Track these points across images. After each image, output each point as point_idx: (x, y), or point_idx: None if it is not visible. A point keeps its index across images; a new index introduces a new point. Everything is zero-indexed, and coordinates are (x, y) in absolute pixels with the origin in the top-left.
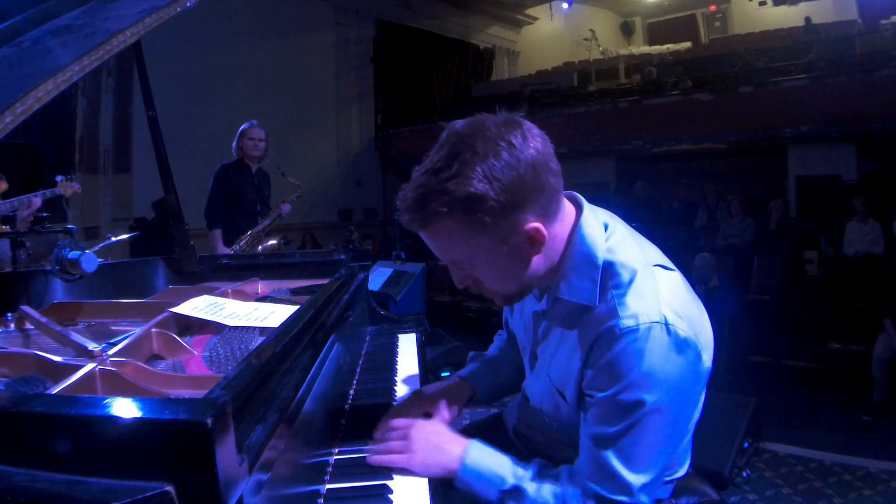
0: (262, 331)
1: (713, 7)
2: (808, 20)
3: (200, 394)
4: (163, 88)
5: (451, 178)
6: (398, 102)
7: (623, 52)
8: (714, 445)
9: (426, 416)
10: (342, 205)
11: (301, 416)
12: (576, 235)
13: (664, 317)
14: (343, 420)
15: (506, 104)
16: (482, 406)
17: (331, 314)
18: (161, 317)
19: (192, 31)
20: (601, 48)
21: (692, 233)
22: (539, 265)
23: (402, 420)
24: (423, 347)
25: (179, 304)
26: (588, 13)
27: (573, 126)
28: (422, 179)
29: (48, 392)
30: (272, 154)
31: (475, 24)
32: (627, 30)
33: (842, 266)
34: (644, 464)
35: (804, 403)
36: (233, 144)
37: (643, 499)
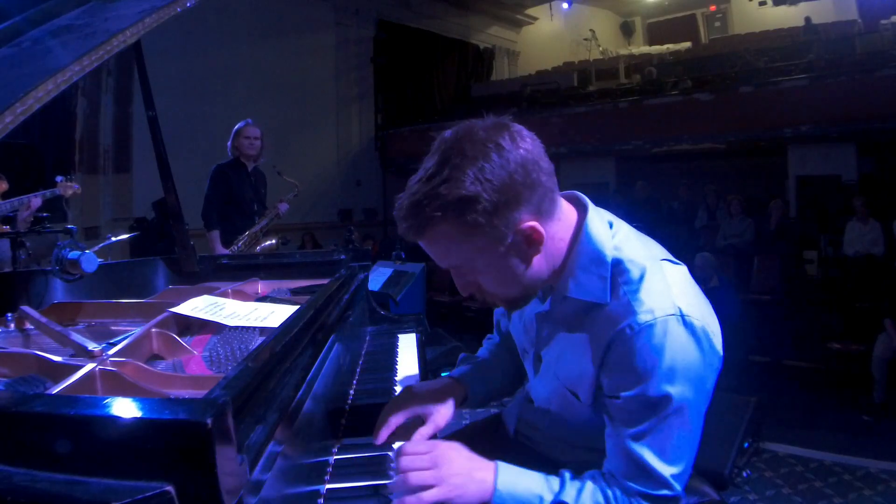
0: (262, 331)
1: (713, 7)
2: (808, 20)
3: (200, 394)
4: (163, 88)
5: (443, 183)
6: (398, 102)
7: (623, 52)
8: (714, 445)
9: (420, 417)
10: (342, 205)
11: (301, 416)
12: (582, 234)
13: (678, 308)
14: (343, 420)
15: (506, 104)
16: (474, 408)
17: (331, 314)
18: (161, 317)
19: (192, 31)
20: (601, 48)
21: (692, 233)
22: (540, 266)
23: (423, 444)
24: (423, 347)
25: (179, 304)
26: (588, 13)
27: (573, 126)
28: (415, 188)
29: (48, 392)
30: (270, 153)
31: (475, 24)
32: (627, 30)
33: (842, 266)
34: (677, 456)
35: (804, 403)
36: (228, 144)
37: (678, 489)
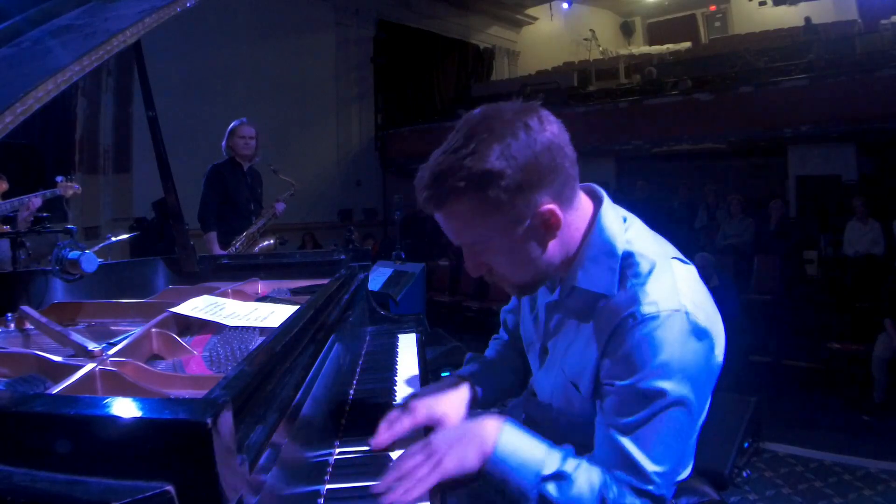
0: (262, 331)
1: (713, 7)
2: (808, 20)
3: (200, 394)
4: (163, 88)
5: (468, 156)
6: (398, 102)
7: (623, 52)
8: (714, 445)
9: (428, 423)
10: (342, 205)
11: (301, 416)
12: (595, 225)
13: (684, 306)
14: (343, 420)
15: None
16: (480, 409)
17: (331, 314)
18: (161, 317)
19: (192, 31)
20: (601, 48)
21: (692, 233)
22: (554, 253)
23: (410, 449)
24: (423, 347)
25: (179, 304)
26: (588, 13)
27: (573, 126)
28: (440, 159)
29: (48, 392)
30: (270, 153)
31: (475, 24)
32: (627, 30)
33: (842, 266)
34: (662, 454)
35: (804, 403)
36: (222, 143)
37: (662, 489)
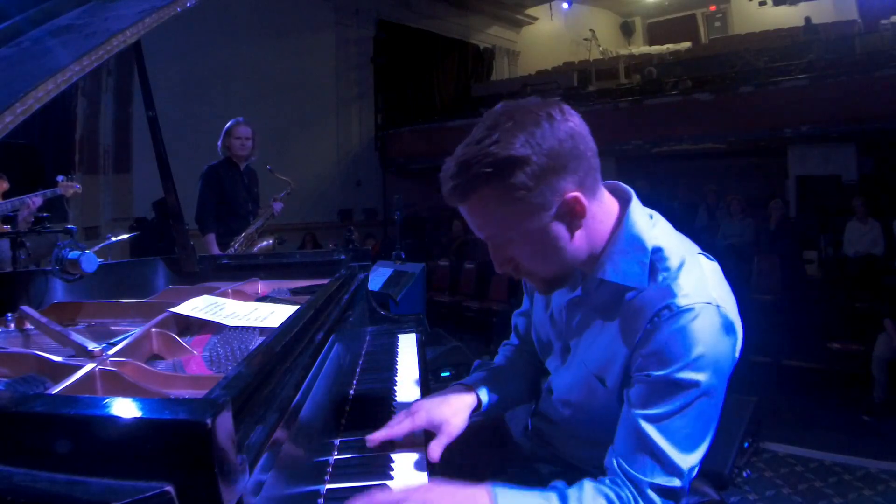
0: (262, 331)
1: (713, 7)
2: (808, 20)
3: (200, 394)
4: (163, 88)
5: (493, 144)
6: (398, 102)
7: (623, 52)
8: (714, 445)
9: (429, 431)
10: (342, 205)
11: (301, 416)
12: (625, 220)
13: (714, 299)
14: (343, 420)
15: None
16: (488, 416)
17: (331, 314)
18: (161, 317)
19: (192, 31)
20: (601, 48)
21: (692, 233)
22: (580, 245)
23: (392, 495)
24: (423, 347)
25: (179, 304)
26: (588, 13)
27: None
28: (464, 150)
29: (48, 392)
30: (270, 154)
31: (475, 24)
32: (627, 30)
33: (842, 266)
34: (690, 445)
35: (804, 403)
36: (218, 143)
37: (685, 481)
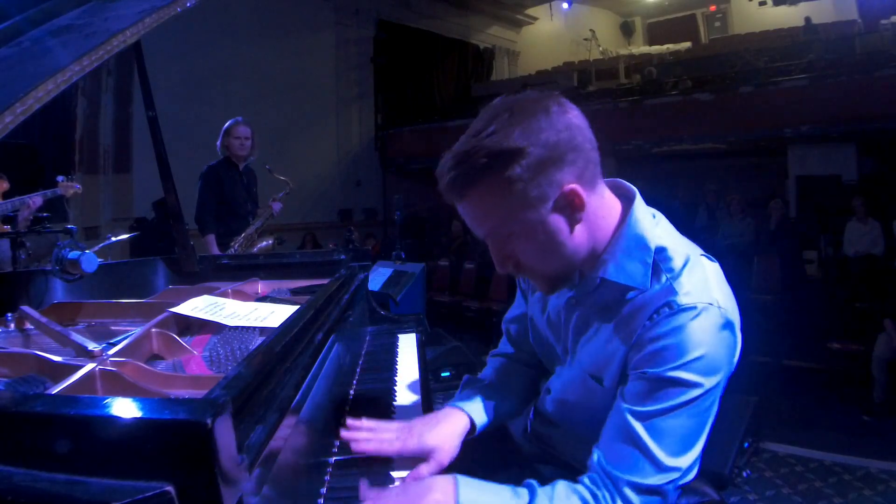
0: (262, 331)
1: (713, 7)
2: (808, 20)
3: (200, 394)
4: (163, 88)
5: (490, 136)
6: (398, 102)
7: (623, 52)
8: (714, 445)
9: (419, 454)
10: (342, 205)
11: (301, 417)
12: (628, 219)
13: (716, 300)
14: (343, 420)
15: None
16: (476, 438)
17: (331, 314)
18: (161, 317)
19: (192, 31)
20: (601, 48)
21: (692, 233)
22: (581, 241)
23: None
24: (423, 347)
25: (179, 304)
26: (588, 13)
27: None
28: (461, 143)
29: (48, 392)
30: (270, 154)
31: (475, 24)
32: (627, 30)
33: (842, 266)
34: (679, 448)
35: (804, 403)
36: (217, 143)
37: (669, 485)
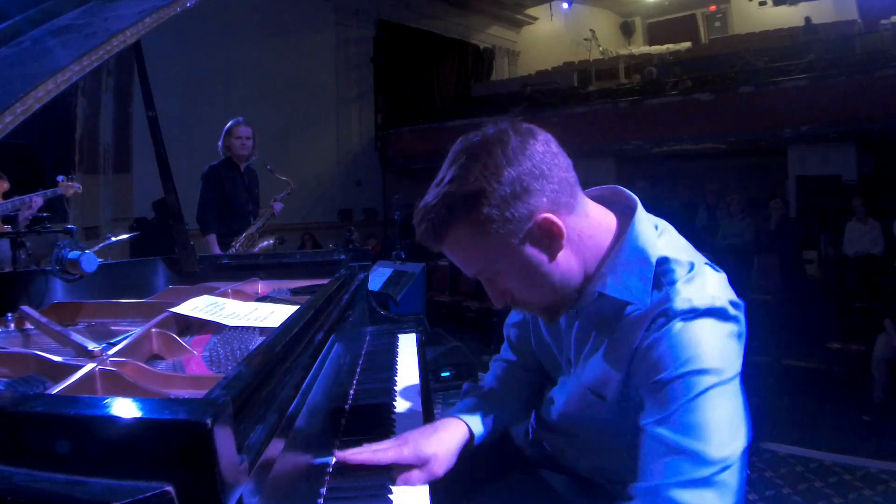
0: (262, 331)
1: (713, 7)
2: (808, 20)
3: (200, 394)
4: (163, 88)
5: (450, 182)
6: (398, 102)
7: (623, 52)
8: None
9: (416, 463)
10: (342, 205)
11: (301, 416)
12: (628, 231)
13: (714, 301)
14: (343, 420)
15: (506, 104)
16: (477, 448)
17: (331, 314)
18: (161, 317)
19: (192, 31)
20: (601, 48)
21: (692, 233)
22: (569, 265)
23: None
24: (423, 347)
25: (179, 304)
26: (588, 13)
27: (573, 126)
28: (429, 194)
29: (48, 392)
30: (271, 154)
31: (475, 24)
32: (627, 30)
33: (842, 266)
34: (715, 435)
35: (804, 403)
36: (219, 143)
37: (722, 474)
